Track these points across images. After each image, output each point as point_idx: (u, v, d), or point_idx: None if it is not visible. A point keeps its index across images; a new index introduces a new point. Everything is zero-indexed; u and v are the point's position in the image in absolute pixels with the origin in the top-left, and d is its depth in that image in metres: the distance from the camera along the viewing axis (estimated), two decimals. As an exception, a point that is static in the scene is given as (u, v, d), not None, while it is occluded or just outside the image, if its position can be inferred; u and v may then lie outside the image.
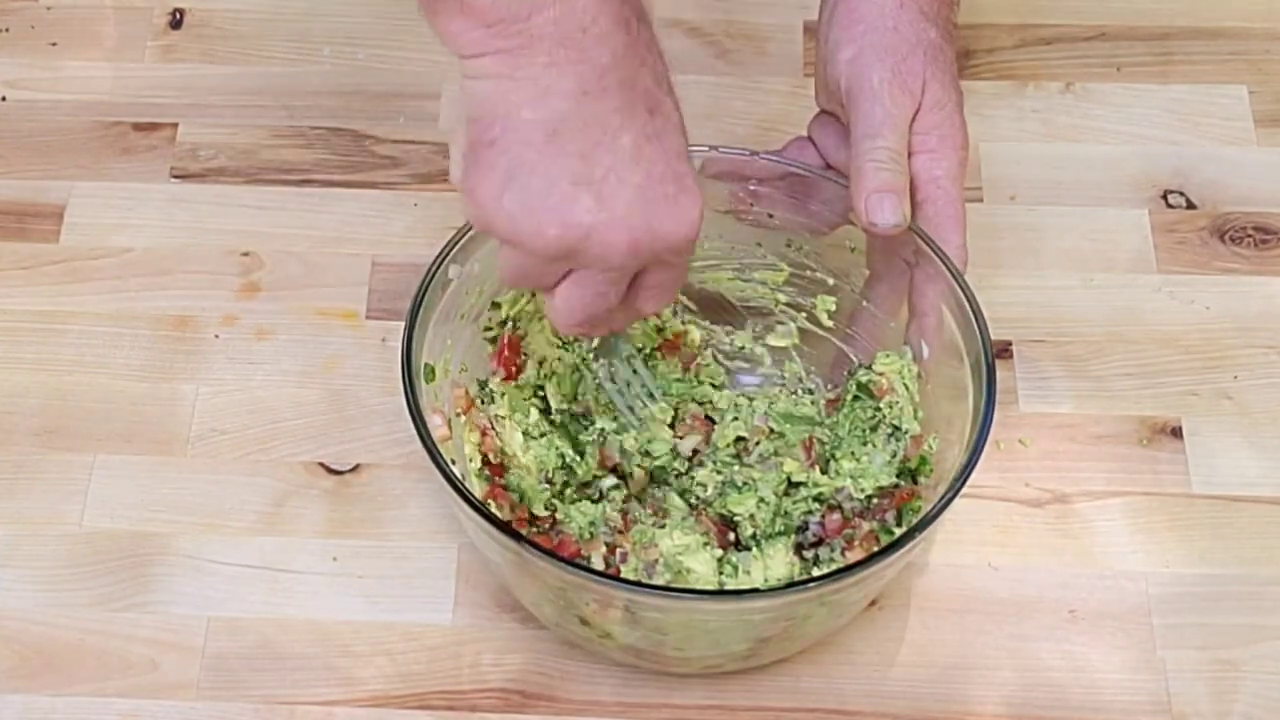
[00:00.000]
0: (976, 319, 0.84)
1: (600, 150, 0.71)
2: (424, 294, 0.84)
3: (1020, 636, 0.88)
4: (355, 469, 0.94)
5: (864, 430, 0.90)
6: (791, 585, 0.83)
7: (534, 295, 0.89)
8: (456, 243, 0.86)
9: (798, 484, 0.89)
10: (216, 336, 0.99)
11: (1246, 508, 0.92)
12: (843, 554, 0.86)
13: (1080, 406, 0.96)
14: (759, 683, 0.87)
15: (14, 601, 0.89)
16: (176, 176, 1.06)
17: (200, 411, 0.96)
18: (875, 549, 0.83)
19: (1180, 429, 0.95)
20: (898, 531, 0.85)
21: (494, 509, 0.84)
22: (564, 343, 0.91)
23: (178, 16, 1.14)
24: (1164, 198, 1.05)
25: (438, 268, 0.85)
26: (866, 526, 0.86)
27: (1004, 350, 0.98)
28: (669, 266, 0.77)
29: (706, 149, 0.89)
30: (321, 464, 0.94)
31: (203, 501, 0.93)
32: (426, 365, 0.85)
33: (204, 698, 0.86)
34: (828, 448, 0.91)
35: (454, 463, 0.83)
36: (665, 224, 0.74)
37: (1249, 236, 1.03)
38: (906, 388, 0.88)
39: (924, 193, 0.89)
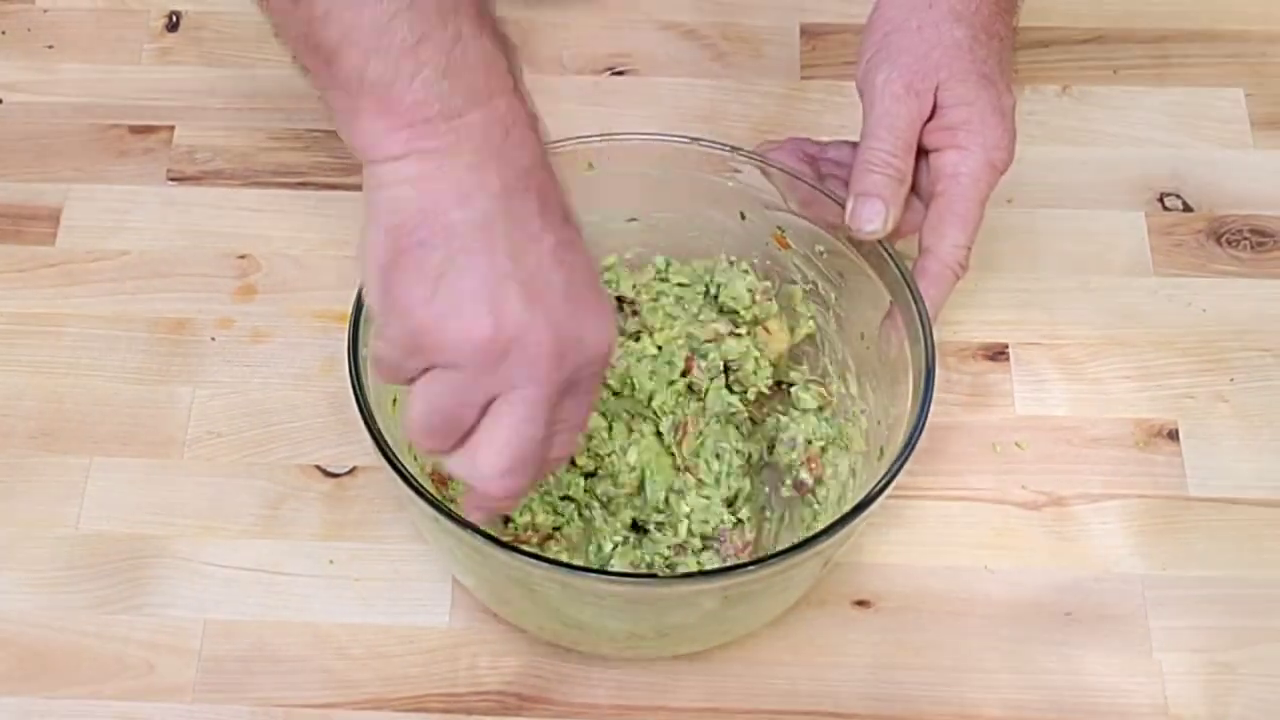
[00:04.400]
0: (925, 334, 0.84)
1: (526, 251, 0.70)
2: None
3: (1017, 639, 0.88)
4: (352, 472, 0.94)
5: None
6: (689, 576, 0.84)
7: None
8: None
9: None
10: (213, 339, 0.99)
11: (1243, 510, 0.92)
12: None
13: (1077, 409, 0.96)
14: (756, 685, 0.87)
15: (10, 604, 0.89)
16: (173, 179, 1.06)
17: (197, 414, 0.96)
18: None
19: (1177, 431, 0.95)
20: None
21: None
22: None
23: (174, 19, 1.14)
24: (1160, 200, 1.05)
25: None
26: None
27: (1000, 353, 0.98)
28: (580, 392, 0.74)
29: (688, 140, 0.90)
30: (318, 467, 0.94)
31: (199, 504, 0.93)
32: None
33: (200, 700, 0.86)
34: None
35: None
36: (588, 329, 0.72)
37: (1245, 239, 1.03)
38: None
39: (940, 185, 0.89)
